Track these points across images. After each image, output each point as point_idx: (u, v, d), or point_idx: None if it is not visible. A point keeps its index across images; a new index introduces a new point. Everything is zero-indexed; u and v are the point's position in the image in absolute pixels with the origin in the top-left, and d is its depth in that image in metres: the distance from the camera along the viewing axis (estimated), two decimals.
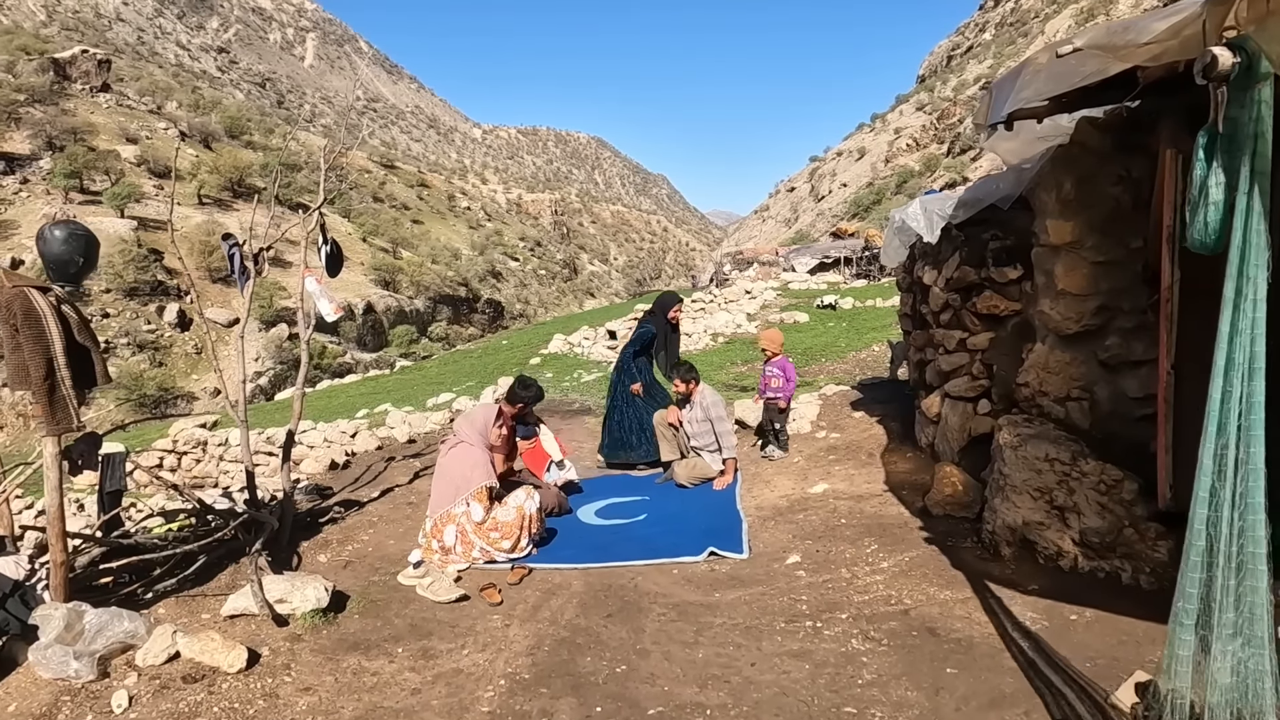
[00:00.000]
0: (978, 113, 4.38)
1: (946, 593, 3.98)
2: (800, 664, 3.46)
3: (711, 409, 6.35)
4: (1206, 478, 2.34)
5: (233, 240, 5.20)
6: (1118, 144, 4.49)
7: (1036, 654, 3.29)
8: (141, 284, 42.04)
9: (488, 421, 5.09)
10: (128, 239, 42.37)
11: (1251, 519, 2.28)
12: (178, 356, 41.69)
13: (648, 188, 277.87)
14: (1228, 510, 2.27)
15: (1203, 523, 2.36)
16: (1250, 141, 2.02)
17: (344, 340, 47.69)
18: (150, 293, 42.41)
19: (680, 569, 4.67)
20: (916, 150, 71.10)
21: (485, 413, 5.17)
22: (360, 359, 45.50)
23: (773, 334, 7.13)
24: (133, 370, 38.37)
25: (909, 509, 5.15)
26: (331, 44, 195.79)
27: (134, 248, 42.25)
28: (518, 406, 6.08)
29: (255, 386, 39.45)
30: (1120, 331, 4.52)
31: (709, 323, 17.87)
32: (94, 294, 41.32)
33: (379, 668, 3.54)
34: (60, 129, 49.75)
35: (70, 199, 46.18)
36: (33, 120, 49.74)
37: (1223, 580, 2.34)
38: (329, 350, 44.86)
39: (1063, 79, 2.98)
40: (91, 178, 48.17)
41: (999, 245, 5.24)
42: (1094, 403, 4.58)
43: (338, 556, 4.98)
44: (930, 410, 5.85)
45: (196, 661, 3.31)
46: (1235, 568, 2.34)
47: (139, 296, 42.30)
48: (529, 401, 6.15)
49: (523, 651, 3.71)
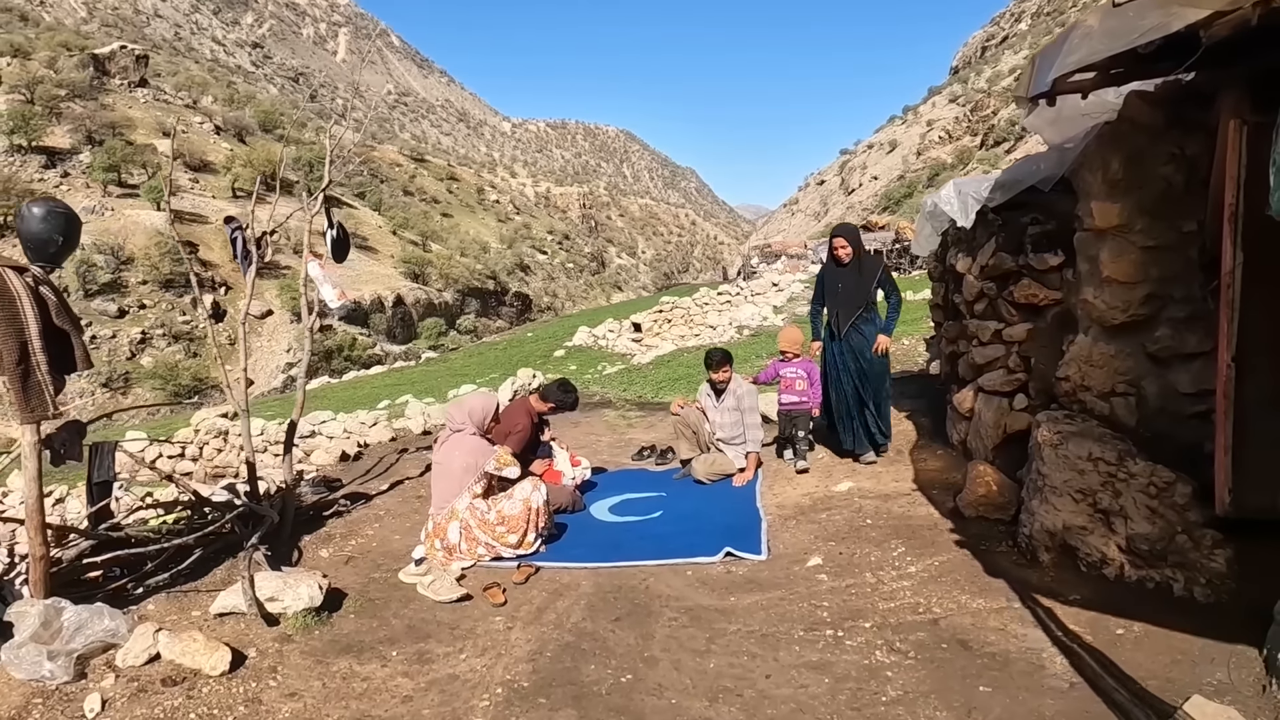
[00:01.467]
0: (1019, 85, 4.06)
1: (979, 601, 3.70)
2: (820, 677, 3.21)
3: (745, 399, 6.09)
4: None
5: (235, 224, 5.05)
6: (1171, 119, 4.14)
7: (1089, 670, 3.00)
8: (177, 276, 42.68)
9: (487, 413, 4.89)
10: (164, 231, 43.00)
11: None
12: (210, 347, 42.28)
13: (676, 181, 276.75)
14: None
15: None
16: None
17: (374, 333, 48.08)
18: (185, 284, 43.01)
19: (695, 570, 4.43)
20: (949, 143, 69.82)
21: (484, 402, 4.96)
22: (390, 351, 45.77)
23: (791, 332, 6.47)
24: (168, 361, 39.03)
25: (939, 510, 4.85)
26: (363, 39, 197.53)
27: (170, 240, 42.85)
28: (548, 405, 5.84)
29: (286, 376, 39.92)
30: (1171, 322, 4.18)
31: (734, 315, 17.57)
32: (130, 285, 42.10)
33: (371, 672, 3.35)
34: (99, 124, 50.61)
35: (109, 192, 47.03)
36: (73, 115, 50.68)
37: None
38: (359, 342, 45.24)
39: (1118, 36, 2.67)
40: (129, 171, 49.00)
41: (1039, 230, 4.91)
42: (1141, 399, 4.25)
43: (340, 551, 4.82)
44: (962, 405, 5.53)
45: (177, 664, 3.15)
46: None
47: (174, 288, 42.97)
48: (561, 406, 5.87)
49: (524, 657, 3.50)
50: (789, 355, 6.26)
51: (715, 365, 6.21)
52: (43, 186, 45.98)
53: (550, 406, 5.77)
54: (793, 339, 6.32)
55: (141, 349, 40.59)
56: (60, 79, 54.27)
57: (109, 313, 40.12)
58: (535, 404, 5.75)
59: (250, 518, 4.48)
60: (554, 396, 5.78)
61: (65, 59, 58.70)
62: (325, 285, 5.21)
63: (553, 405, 5.77)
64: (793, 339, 6.32)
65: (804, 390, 6.10)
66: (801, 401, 6.12)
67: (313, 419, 10.53)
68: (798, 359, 6.25)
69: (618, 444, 7.87)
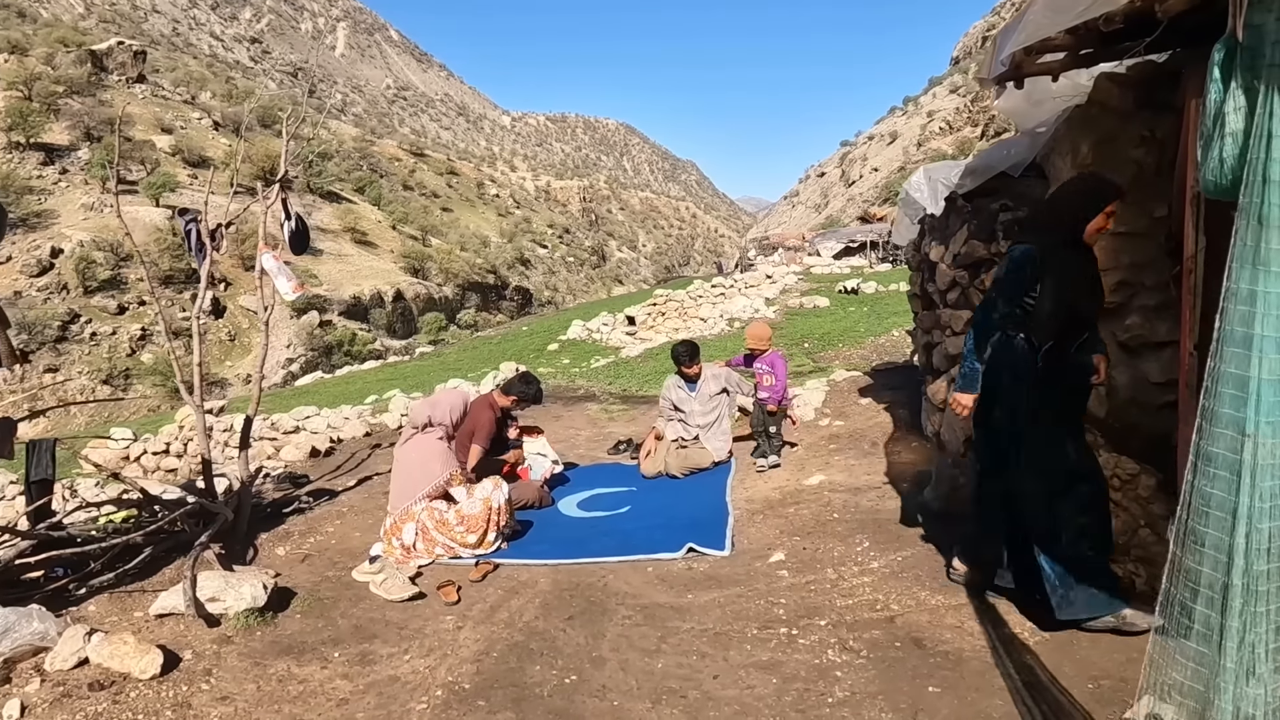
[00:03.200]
0: (981, 66, 3.95)
1: (939, 598, 3.60)
2: (767, 677, 3.11)
3: (724, 376, 6.30)
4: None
5: (190, 216, 4.95)
6: (1141, 101, 4.02)
7: (1030, 674, 2.90)
8: (177, 272, 42.63)
9: (453, 408, 4.79)
10: (163, 227, 42.92)
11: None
12: (211, 343, 42.25)
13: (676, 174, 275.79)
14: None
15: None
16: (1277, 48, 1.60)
17: (374, 327, 48.01)
18: (185, 280, 42.95)
19: (656, 567, 4.34)
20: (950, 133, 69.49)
21: (452, 398, 4.87)
22: (390, 345, 45.72)
23: (758, 328, 6.33)
24: (168, 356, 39.03)
25: (909, 503, 4.75)
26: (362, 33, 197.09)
27: (169, 236, 42.83)
28: (511, 399, 5.75)
29: (286, 373, 39.88)
30: (1142, 310, 4.06)
31: (726, 308, 17.46)
32: (130, 282, 42.05)
33: (309, 674, 3.27)
34: (97, 120, 50.51)
35: (107, 188, 46.97)
36: (71, 111, 50.59)
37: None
38: (359, 337, 45.16)
39: (1060, 10, 2.55)
40: (128, 167, 48.91)
41: (1010, 217, 4.79)
42: (1112, 389, 4.13)
43: (297, 549, 4.73)
44: (936, 396, 5.43)
45: (105, 667, 3.06)
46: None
47: (174, 284, 42.93)
48: (523, 398, 5.77)
49: (469, 658, 3.42)
50: (757, 351, 6.14)
51: (688, 361, 6.17)
52: (41, 183, 45.96)
53: (513, 400, 5.68)
54: (759, 335, 6.20)
55: (141, 345, 40.59)
56: (58, 75, 54.17)
57: (109, 309, 40.11)
58: (498, 399, 5.65)
59: (202, 515, 4.39)
60: (515, 389, 5.68)
61: (63, 55, 58.57)
62: (280, 277, 5.11)
63: (515, 398, 5.67)
64: (759, 335, 6.20)
65: (772, 385, 6.00)
66: (763, 398, 6.03)
67: (297, 414, 10.44)
68: (766, 353, 6.13)
69: (596, 438, 7.79)
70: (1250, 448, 1.89)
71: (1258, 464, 1.88)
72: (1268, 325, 1.77)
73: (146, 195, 46.24)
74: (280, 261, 5.14)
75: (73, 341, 37.64)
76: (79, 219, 44.29)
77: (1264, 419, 1.93)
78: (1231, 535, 1.91)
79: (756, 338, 6.17)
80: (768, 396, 6.00)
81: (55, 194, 46.01)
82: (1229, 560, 1.92)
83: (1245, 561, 1.89)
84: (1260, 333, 1.78)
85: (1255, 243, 1.82)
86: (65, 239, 41.70)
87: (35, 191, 44.96)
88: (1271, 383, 1.85)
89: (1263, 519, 1.89)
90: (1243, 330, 2.01)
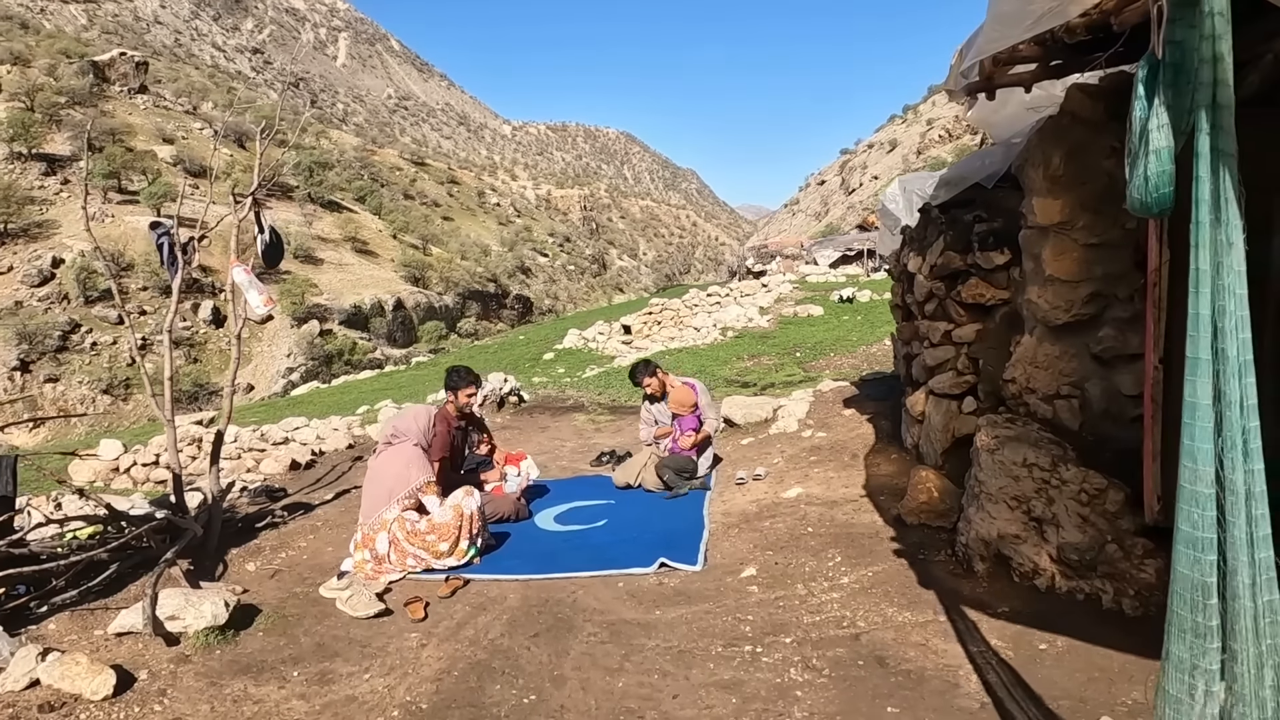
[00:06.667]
0: (948, 78, 3.93)
1: (906, 614, 3.56)
2: (727, 697, 3.07)
3: (695, 391, 6.18)
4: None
5: (162, 229, 4.94)
6: (1112, 112, 4.00)
7: (990, 693, 2.86)
8: None
9: (418, 417, 4.78)
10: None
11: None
12: (212, 353, 42.28)
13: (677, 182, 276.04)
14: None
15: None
16: (1205, 66, 1.57)
17: (374, 336, 48.01)
18: (186, 290, 43.03)
19: (627, 582, 4.30)
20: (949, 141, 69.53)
21: (418, 411, 4.86)
22: (390, 355, 45.70)
23: (683, 394, 6.15)
24: (138, 370, 39.08)
25: (883, 517, 4.71)
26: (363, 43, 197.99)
27: None
28: (449, 394, 5.72)
29: (287, 382, 39.85)
30: (1115, 322, 4.04)
31: (719, 316, 17.42)
32: (131, 291, 42.11)
33: (265, 694, 3.23)
34: (99, 130, 50.72)
35: (109, 198, 47.11)
36: (73, 122, 50.81)
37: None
38: (359, 346, 45.17)
39: (1010, 21, 2.53)
40: (129, 177, 49.07)
41: (985, 228, 4.78)
42: (1085, 401, 4.11)
43: (268, 564, 4.70)
44: (915, 408, 5.39)
45: (56, 688, 3.03)
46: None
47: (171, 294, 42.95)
48: (448, 386, 5.72)
49: (430, 677, 3.38)
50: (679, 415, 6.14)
51: (638, 379, 6.26)
52: (43, 194, 46.13)
53: (450, 394, 5.66)
54: (684, 402, 6.11)
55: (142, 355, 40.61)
56: (60, 86, 54.44)
57: (109, 319, 40.16)
58: (449, 404, 5.66)
59: (170, 531, 4.36)
60: (446, 382, 5.69)
61: (65, 66, 58.88)
62: (251, 291, 5.09)
63: (448, 388, 5.67)
64: (684, 402, 6.11)
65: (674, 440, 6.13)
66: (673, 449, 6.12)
67: (287, 425, 10.43)
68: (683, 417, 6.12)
69: (581, 449, 7.75)
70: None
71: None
72: (1200, 347, 1.74)
73: (147, 205, 46.37)
74: (252, 275, 5.13)
75: (73, 351, 37.67)
76: (80, 229, 44.42)
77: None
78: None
79: (679, 404, 6.11)
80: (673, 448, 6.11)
81: (56, 204, 46.17)
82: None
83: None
84: (1193, 355, 1.75)
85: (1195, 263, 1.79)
86: (66, 249, 41.83)
87: (37, 202, 45.13)
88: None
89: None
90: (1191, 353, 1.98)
